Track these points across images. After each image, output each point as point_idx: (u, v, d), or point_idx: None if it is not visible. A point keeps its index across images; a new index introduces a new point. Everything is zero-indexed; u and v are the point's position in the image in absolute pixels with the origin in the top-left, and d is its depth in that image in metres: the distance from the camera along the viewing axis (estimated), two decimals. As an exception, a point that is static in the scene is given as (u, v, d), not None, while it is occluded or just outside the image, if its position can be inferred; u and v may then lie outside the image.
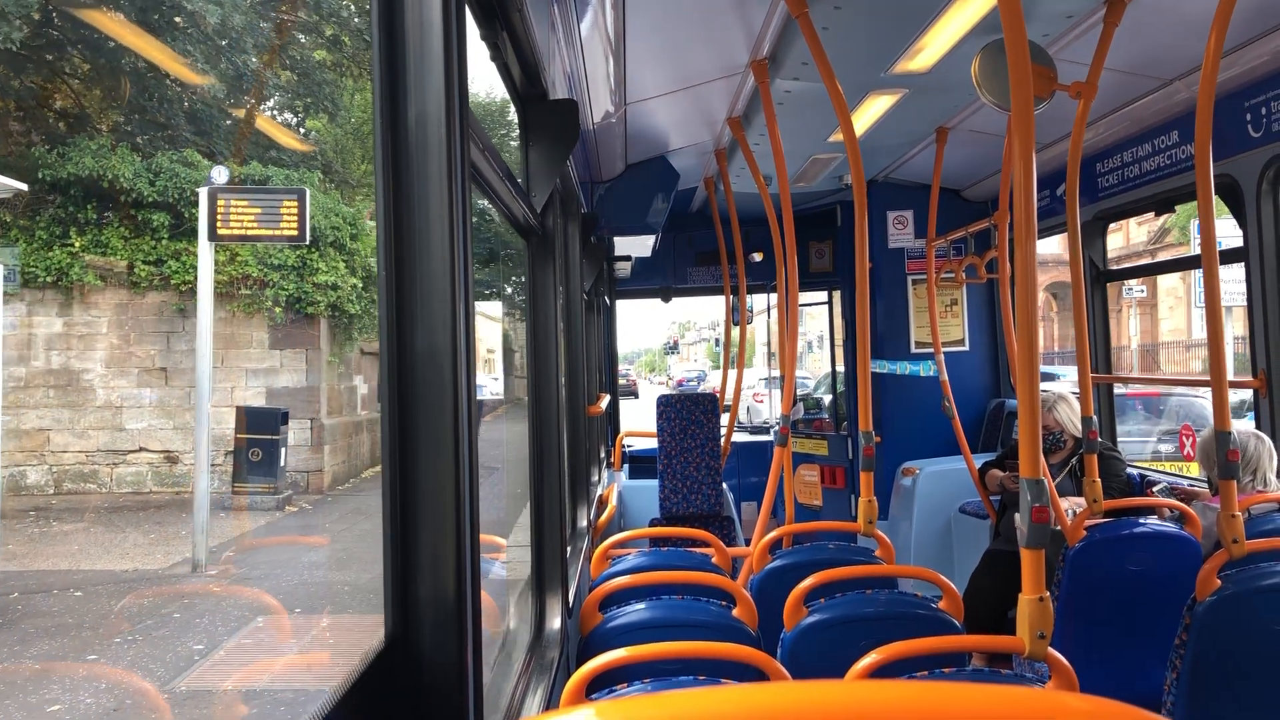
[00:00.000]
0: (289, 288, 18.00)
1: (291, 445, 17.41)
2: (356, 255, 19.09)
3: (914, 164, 7.38)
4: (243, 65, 20.90)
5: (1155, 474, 5.84)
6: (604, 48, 4.06)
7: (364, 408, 21.15)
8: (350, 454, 19.85)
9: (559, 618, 3.45)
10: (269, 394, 18.05)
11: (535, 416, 3.56)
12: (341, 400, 19.65)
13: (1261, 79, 4.67)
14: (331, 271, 18.29)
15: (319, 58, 24.58)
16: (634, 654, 2.60)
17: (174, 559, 13.20)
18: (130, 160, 17.57)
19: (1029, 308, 2.78)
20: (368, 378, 21.36)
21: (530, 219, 3.20)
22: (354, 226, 19.05)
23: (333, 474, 18.75)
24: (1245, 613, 3.45)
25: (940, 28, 4.19)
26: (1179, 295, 33.92)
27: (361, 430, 20.66)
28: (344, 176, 26.23)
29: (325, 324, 18.63)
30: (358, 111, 27.18)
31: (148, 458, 17.69)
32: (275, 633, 10.31)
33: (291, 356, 18.29)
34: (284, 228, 15.95)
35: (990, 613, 5.31)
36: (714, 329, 64.51)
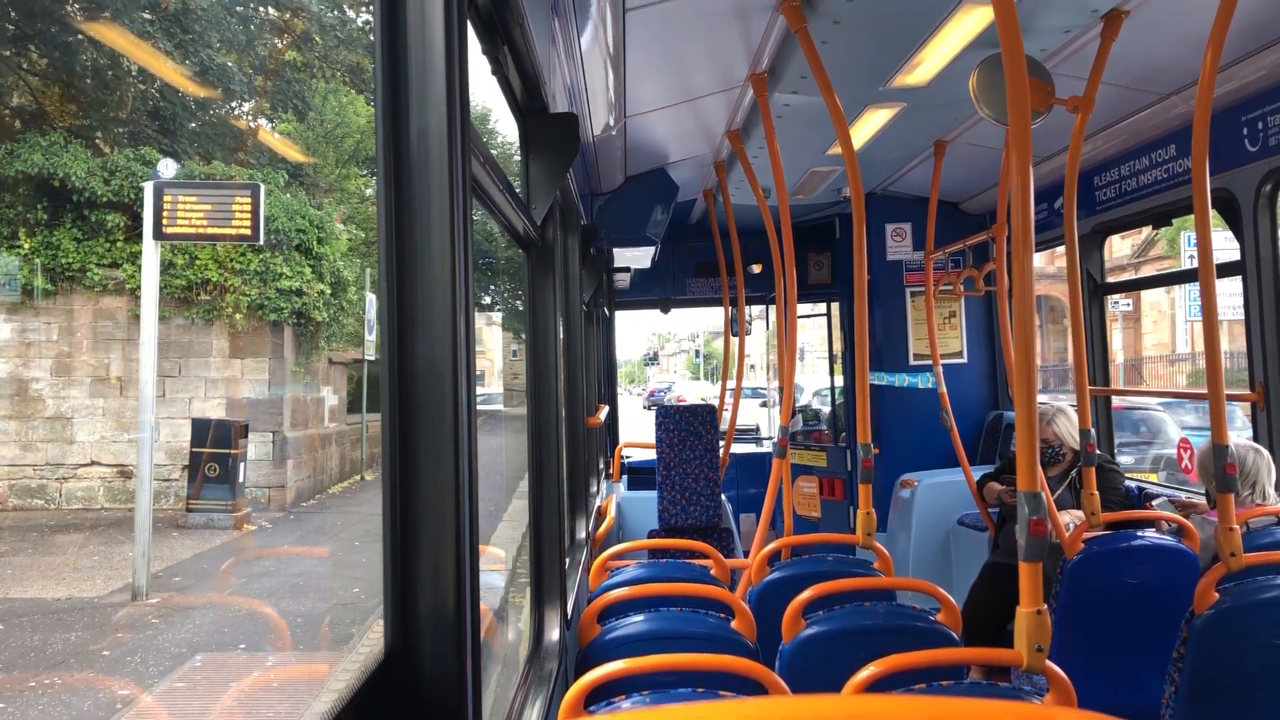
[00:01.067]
0: (251, 293, 17.20)
1: (252, 460, 16.71)
2: (324, 260, 18.32)
3: (912, 177, 7.40)
4: (208, 60, 20.19)
5: (1154, 487, 5.85)
6: (604, 61, 4.08)
7: (332, 420, 20.34)
8: (316, 469, 19.00)
9: (557, 629, 3.45)
10: (229, 405, 17.29)
11: (534, 428, 3.57)
12: (307, 412, 18.80)
13: (1258, 93, 4.69)
14: (296, 277, 17.50)
15: (290, 58, 24.04)
16: (632, 666, 2.60)
17: (114, 585, 12.22)
18: (83, 158, 16.73)
19: (1027, 320, 2.79)
20: (336, 389, 20.67)
21: (530, 231, 3.21)
22: (321, 230, 18.23)
23: (297, 490, 17.91)
24: (1243, 626, 3.45)
25: (938, 42, 4.21)
26: (1163, 310, 33.71)
27: (329, 443, 19.82)
28: (314, 179, 25.68)
29: (290, 332, 17.84)
30: (330, 114, 26.60)
31: (100, 472, 16.82)
32: (215, 674, 9.39)
33: (253, 366, 17.50)
34: (236, 226, 15.15)
35: (989, 625, 5.30)
36: (693, 340, 64.61)
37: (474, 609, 1.59)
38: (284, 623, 11.00)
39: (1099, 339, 6.61)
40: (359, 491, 20.25)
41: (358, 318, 21.46)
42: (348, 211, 23.64)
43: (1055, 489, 5.34)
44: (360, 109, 27.66)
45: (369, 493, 19.97)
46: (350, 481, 20.88)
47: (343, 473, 20.61)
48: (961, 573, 6.97)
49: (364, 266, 22.21)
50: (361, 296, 20.95)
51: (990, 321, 8.18)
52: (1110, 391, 6.60)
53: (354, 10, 26.09)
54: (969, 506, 6.89)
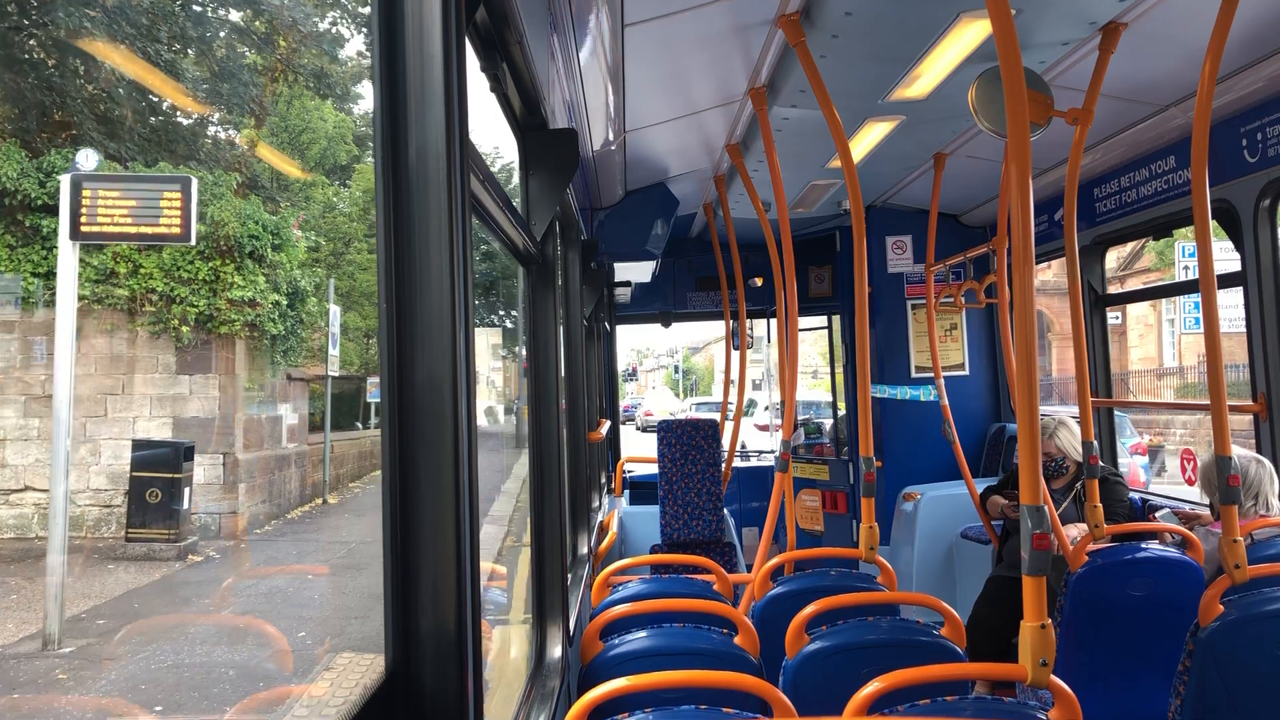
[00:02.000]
0: (199, 304, 15.88)
1: (201, 484, 15.48)
2: (279, 269, 17.04)
3: (912, 189, 7.41)
4: (155, 55, 18.95)
5: (1158, 499, 5.83)
6: (603, 77, 4.08)
7: (292, 440, 18.93)
8: (273, 493, 17.70)
9: (560, 646, 3.43)
10: (176, 425, 15.95)
11: (536, 443, 3.56)
12: (263, 432, 17.51)
13: (1257, 104, 4.70)
14: (249, 286, 16.22)
15: (252, 60, 22.99)
16: (635, 683, 2.59)
17: (28, 630, 10.58)
18: (16, 157, 15.43)
19: (1028, 333, 2.79)
20: (297, 407, 19.35)
21: (530, 247, 3.21)
22: (277, 236, 16.91)
23: (250, 516, 16.55)
24: (1249, 638, 3.43)
25: (936, 55, 4.22)
26: (1149, 323, 33.30)
27: (288, 465, 18.47)
28: (273, 185, 24.59)
29: (242, 346, 16.59)
30: (295, 119, 25.56)
31: (34, 498, 15.22)
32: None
33: (202, 383, 16.15)
34: (165, 224, 13.67)
35: (993, 640, 5.28)
36: (672, 356, 64.47)
37: (475, 628, 1.58)
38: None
39: (1101, 351, 6.61)
40: (320, 516, 19.03)
41: (322, 332, 20.53)
42: (306, 217, 22.76)
43: (1059, 502, 5.33)
44: (328, 114, 26.67)
45: (332, 518, 19.00)
46: (311, 505, 19.61)
47: (303, 496, 19.42)
48: (965, 586, 6.95)
49: (327, 277, 21.30)
50: (323, 309, 19.89)
51: (992, 333, 8.18)
52: (1113, 403, 6.59)
53: (318, 12, 25.24)
54: (972, 520, 6.87)
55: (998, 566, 5.88)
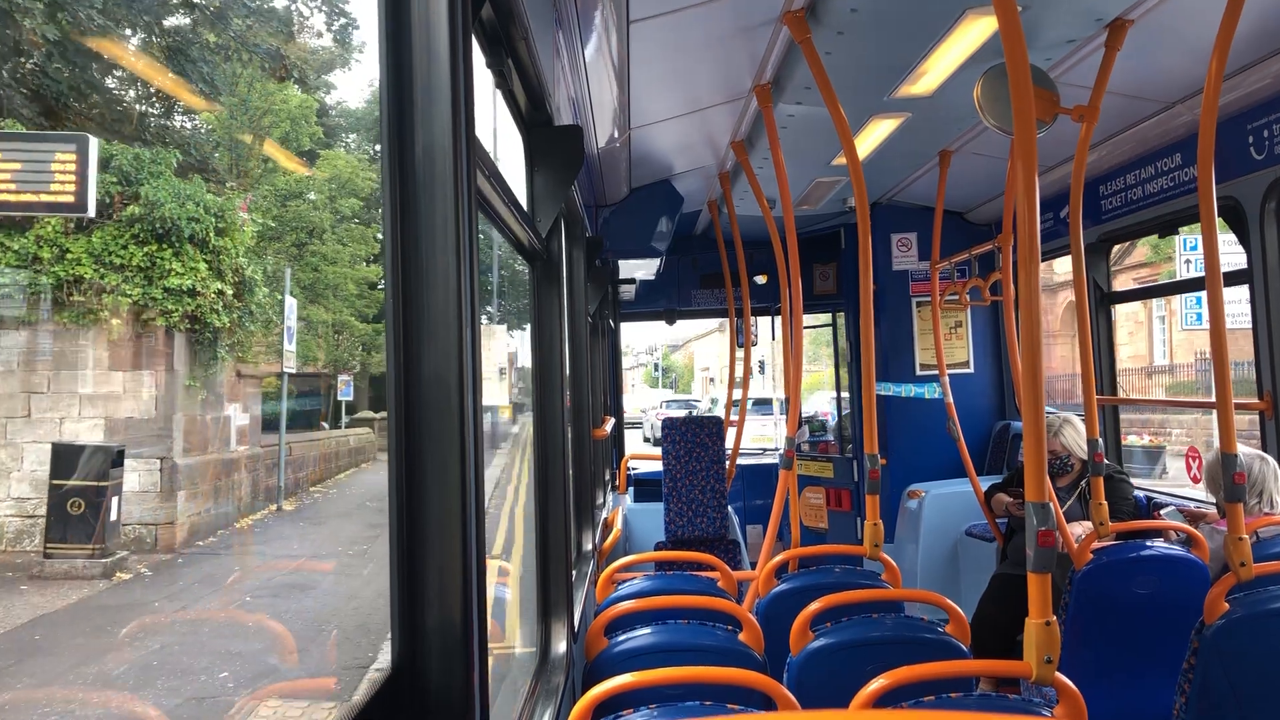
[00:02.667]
0: (132, 293, 14.41)
1: (134, 491, 13.99)
2: (224, 255, 15.57)
3: (917, 187, 7.40)
4: (87, 21, 17.23)
5: (1162, 497, 5.83)
6: (608, 73, 4.08)
7: (242, 442, 17.41)
8: (218, 500, 16.14)
9: (564, 642, 3.44)
10: (109, 426, 14.52)
11: (540, 440, 3.57)
12: (206, 434, 16.04)
13: (1263, 102, 4.68)
14: (189, 274, 14.78)
15: (210, 39, 21.47)
16: (639, 679, 2.60)
17: None
18: None
19: (1033, 330, 2.79)
20: (248, 406, 17.90)
21: (535, 243, 3.21)
22: (222, 219, 15.52)
23: (190, 526, 14.98)
24: (1254, 636, 3.43)
25: (942, 52, 4.21)
26: (1139, 320, 32.90)
27: (237, 469, 16.88)
28: (225, 166, 23.06)
29: (182, 339, 15.17)
30: (256, 100, 23.92)
31: None
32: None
33: (136, 379, 14.67)
34: (56, 192, 12.25)
35: (998, 637, 5.28)
36: (651, 354, 64.40)
37: (481, 624, 1.58)
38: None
39: (1106, 348, 6.60)
40: (273, 525, 17.32)
41: (277, 326, 19.17)
42: (254, 200, 21.24)
43: (1064, 499, 5.32)
44: (291, 97, 25.47)
45: (286, 526, 17.41)
46: (264, 513, 18.07)
47: (255, 503, 17.87)
48: (970, 584, 6.94)
49: (284, 266, 20.21)
50: (274, 300, 18.36)
51: (997, 331, 8.17)
52: (1118, 401, 6.58)
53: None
54: (977, 517, 6.87)
55: (1002, 564, 5.87)
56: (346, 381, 27.77)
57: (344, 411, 28.04)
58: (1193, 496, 5.82)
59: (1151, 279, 27.88)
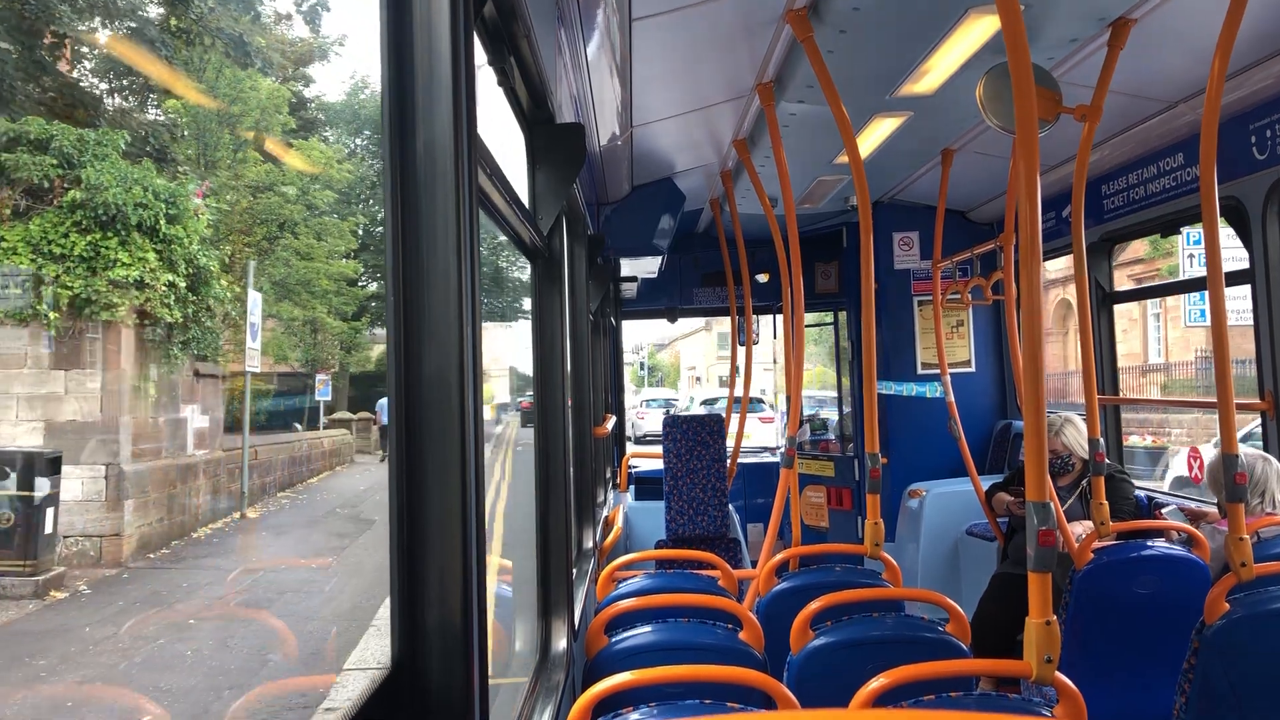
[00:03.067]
0: (74, 285, 13.31)
1: (76, 500, 12.98)
2: (176, 244, 14.37)
3: (919, 185, 7.39)
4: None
5: (1164, 497, 5.83)
6: (610, 71, 4.08)
7: (201, 445, 16.20)
8: (172, 509, 14.87)
9: (565, 640, 3.44)
10: (50, 430, 13.39)
11: (542, 437, 3.57)
12: (159, 437, 14.87)
13: (1266, 101, 4.68)
14: (136, 264, 13.64)
15: (172, 24, 20.24)
16: (640, 677, 2.60)
17: None
18: None
19: (1035, 330, 2.79)
20: (208, 407, 16.72)
21: (537, 241, 3.21)
22: (174, 206, 14.37)
23: (139, 538, 13.79)
24: (1254, 636, 3.43)
25: (944, 51, 4.21)
26: (1133, 317, 32.57)
27: (194, 475, 15.62)
28: (189, 155, 21.82)
29: (130, 336, 14.01)
30: (225, 88, 22.95)
31: None
32: None
33: (80, 379, 13.52)
34: None
35: (998, 636, 5.28)
36: (637, 353, 64.29)
37: (481, 622, 1.58)
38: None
39: (1108, 348, 6.59)
40: (235, 534, 16.10)
41: (237, 320, 18.07)
42: (213, 187, 19.87)
43: (1065, 499, 5.32)
44: (261, 85, 24.35)
45: (248, 535, 16.24)
46: (224, 522, 16.86)
47: (216, 511, 16.62)
48: (970, 583, 6.94)
49: (249, 258, 19.23)
50: (230, 293, 17.11)
51: (998, 330, 8.17)
52: (1120, 400, 6.58)
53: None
54: (977, 516, 6.86)
55: (1003, 563, 5.87)
56: (324, 381, 26.86)
57: (322, 412, 27.12)
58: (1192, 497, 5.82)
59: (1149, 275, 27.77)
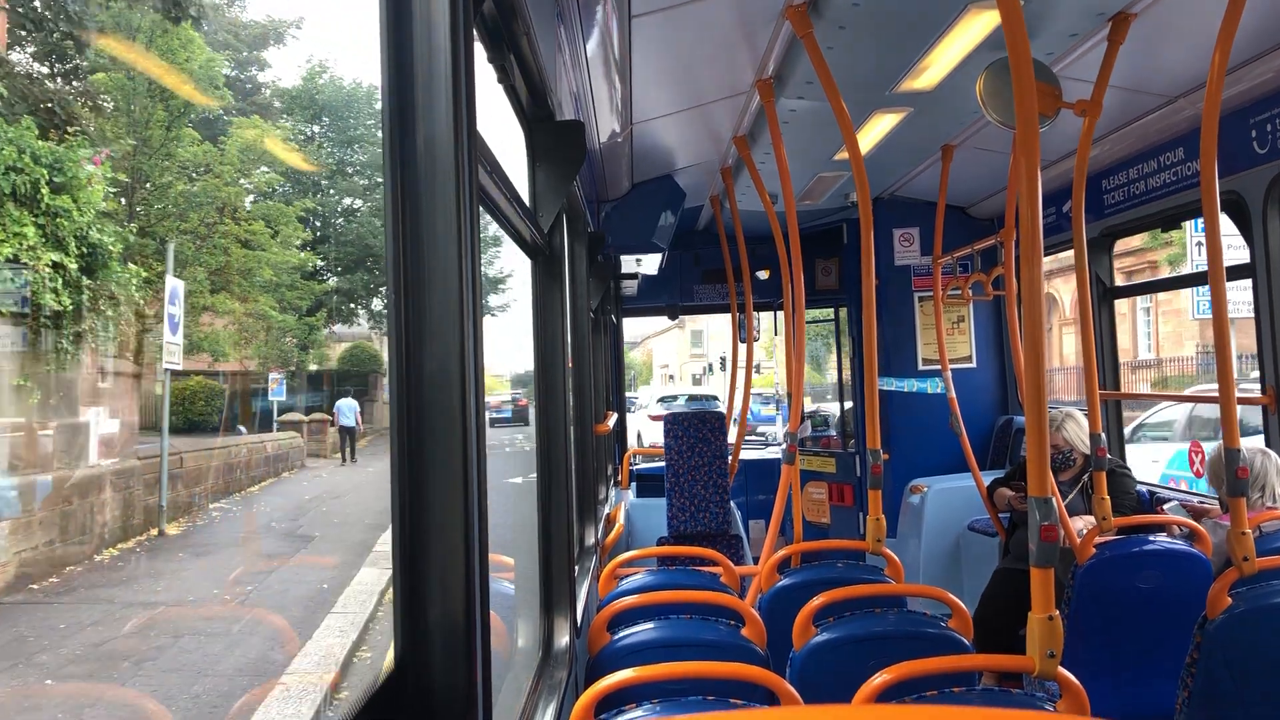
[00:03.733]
0: None
1: None
2: (62, 218, 12.25)
3: (920, 181, 7.39)
4: None
5: (1165, 491, 5.82)
6: (610, 68, 4.08)
7: (107, 454, 14.08)
8: (67, 528, 12.79)
9: (567, 637, 3.44)
10: None
11: (543, 435, 3.57)
12: (49, 447, 12.95)
13: (1267, 95, 4.67)
14: (11, 241, 11.66)
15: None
16: (642, 674, 2.60)
17: None
18: None
19: (1036, 325, 2.79)
20: (117, 410, 14.69)
21: (537, 239, 3.21)
22: (60, 173, 12.21)
23: (20, 564, 11.82)
24: (1257, 630, 3.43)
25: (944, 46, 4.21)
26: (1122, 312, 32.07)
27: (98, 489, 13.47)
28: (104, 128, 19.21)
29: (6, 326, 12.22)
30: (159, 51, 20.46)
31: None
32: None
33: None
34: None
35: (1000, 631, 5.28)
36: None
37: (484, 620, 1.58)
38: None
39: (1109, 343, 6.59)
40: (145, 557, 13.69)
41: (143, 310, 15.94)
42: (112, 154, 17.16)
43: (1066, 494, 5.32)
44: (197, 52, 21.77)
45: (161, 558, 13.77)
46: (138, 540, 14.46)
47: (128, 528, 14.26)
48: (972, 578, 6.94)
49: (162, 240, 17.36)
50: (132, 275, 14.39)
51: (999, 326, 8.16)
52: (1121, 395, 6.58)
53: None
54: (979, 512, 6.86)
55: (1005, 558, 5.87)
56: (279, 380, 24.96)
57: (275, 414, 24.79)
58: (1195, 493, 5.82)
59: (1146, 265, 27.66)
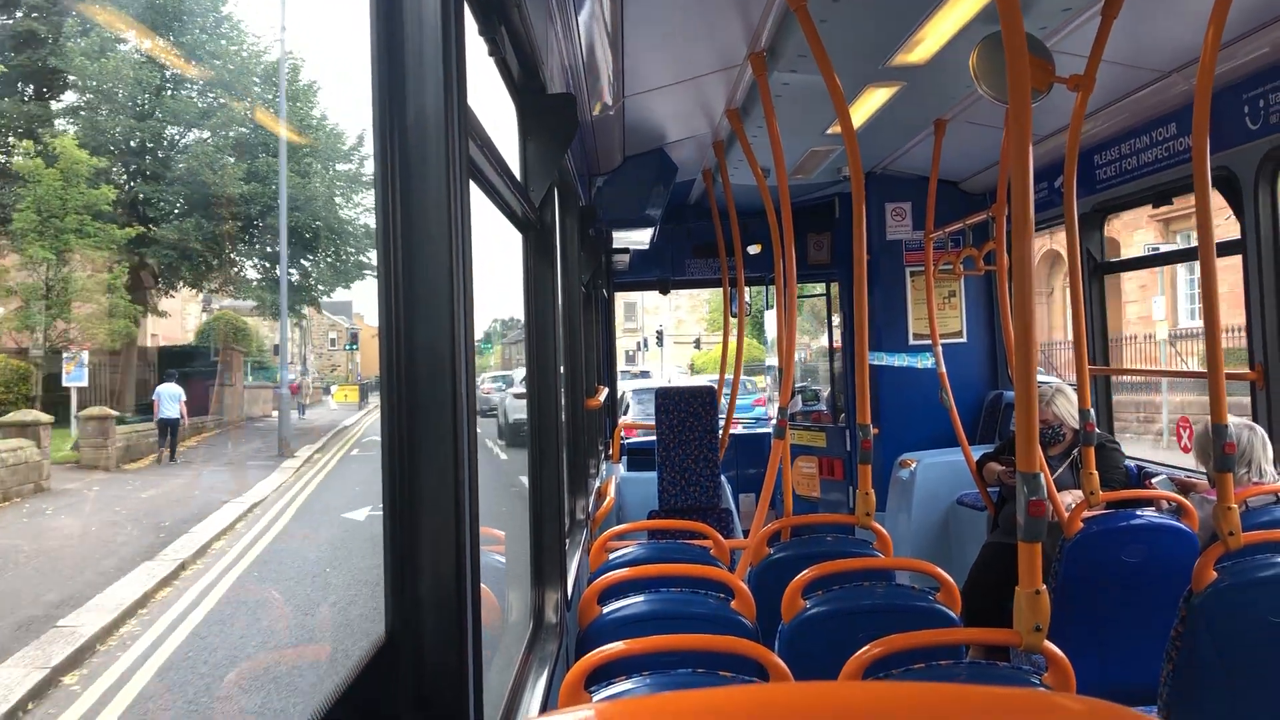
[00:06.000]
0: None
1: None
2: None
3: (912, 156, 7.37)
4: None
5: (1153, 466, 5.86)
6: (602, 40, 4.05)
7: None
8: None
9: (558, 610, 3.46)
10: None
11: (535, 409, 3.57)
12: None
13: (1259, 71, 4.67)
14: None
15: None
16: (632, 647, 2.61)
17: None
18: None
19: (1026, 300, 2.79)
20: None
21: (528, 213, 3.20)
22: None
23: None
24: (1241, 605, 3.46)
25: (938, 20, 4.18)
26: (1143, 282, 31.28)
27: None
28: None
29: None
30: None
31: None
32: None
33: None
34: None
35: (988, 605, 5.31)
36: None
37: (474, 593, 1.59)
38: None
39: (1099, 318, 6.60)
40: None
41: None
42: None
43: (1055, 469, 5.34)
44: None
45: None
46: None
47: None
48: (961, 553, 6.98)
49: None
50: None
51: (990, 301, 8.17)
52: (1111, 371, 6.60)
53: None
54: (968, 486, 6.89)
55: (993, 533, 5.90)
56: (75, 360, 20.07)
57: (74, 402, 19.74)
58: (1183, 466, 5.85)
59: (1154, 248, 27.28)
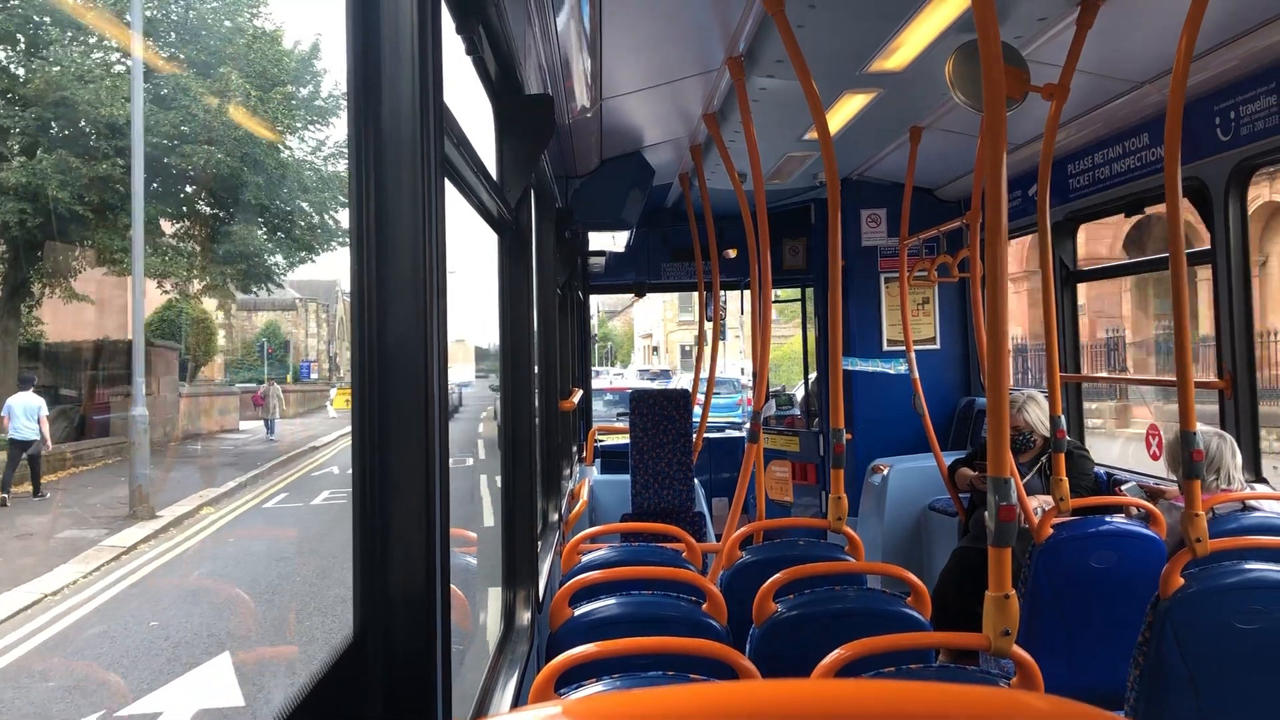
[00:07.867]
0: None
1: None
2: None
3: (888, 163, 7.41)
4: None
5: (1123, 473, 5.91)
6: (580, 42, 4.05)
7: None
8: None
9: (529, 612, 3.45)
10: None
11: (508, 411, 3.56)
12: None
13: (1231, 83, 4.72)
14: None
15: None
16: (603, 649, 2.61)
17: None
18: None
19: (999, 307, 2.81)
20: None
21: (504, 214, 3.19)
22: None
23: None
24: (1207, 610, 3.49)
25: (915, 28, 4.21)
26: (1038, 297, 31.30)
27: None
28: None
29: None
30: None
31: None
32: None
33: None
34: None
35: (958, 609, 5.34)
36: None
37: (444, 591, 1.58)
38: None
39: (1071, 326, 6.66)
40: None
41: None
42: None
43: (1025, 475, 5.38)
44: None
45: None
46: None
47: None
48: (932, 557, 7.02)
49: None
50: None
51: (963, 308, 8.22)
52: (1082, 378, 6.66)
53: None
54: (940, 492, 6.93)
55: (964, 538, 5.94)
56: None
57: None
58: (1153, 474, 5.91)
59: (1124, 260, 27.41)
